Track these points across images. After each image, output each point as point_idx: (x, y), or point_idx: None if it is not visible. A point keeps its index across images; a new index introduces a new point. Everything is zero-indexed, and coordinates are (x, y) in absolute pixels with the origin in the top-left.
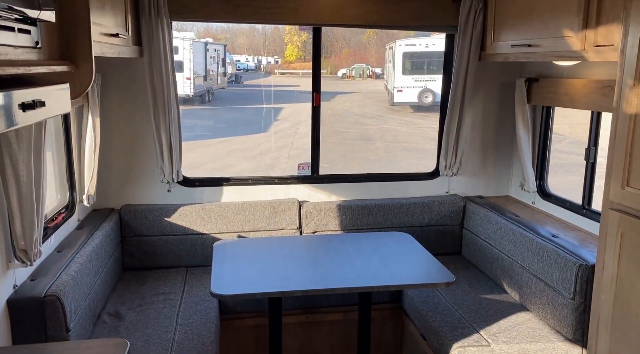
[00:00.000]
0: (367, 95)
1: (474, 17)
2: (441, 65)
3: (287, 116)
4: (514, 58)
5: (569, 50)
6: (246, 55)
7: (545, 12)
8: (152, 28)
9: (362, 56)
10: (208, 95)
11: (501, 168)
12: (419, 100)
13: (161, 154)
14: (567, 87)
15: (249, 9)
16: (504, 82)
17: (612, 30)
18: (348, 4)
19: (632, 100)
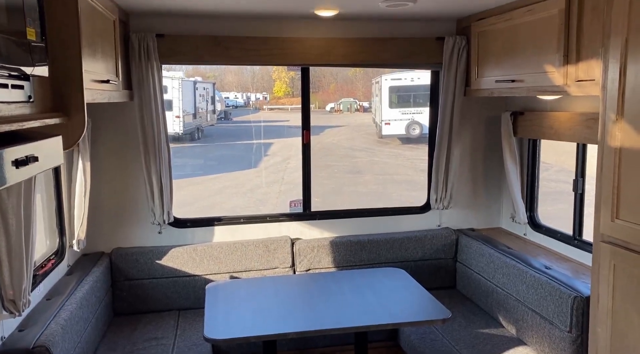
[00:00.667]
0: (355, 129)
1: (457, 55)
2: (427, 98)
3: (277, 151)
4: (499, 93)
5: (552, 85)
6: (235, 92)
7: (527, 49)
8: (142, 72)
9: (350, 90)
10: (197, 133)
11: (491, 200)
12: (407, 132)
13: (152, 196)
14: (551, 120)
15: (238, 52)
16: (489, 116)
17: (592, 66)
18: (336, 44)
19: (615, 134)
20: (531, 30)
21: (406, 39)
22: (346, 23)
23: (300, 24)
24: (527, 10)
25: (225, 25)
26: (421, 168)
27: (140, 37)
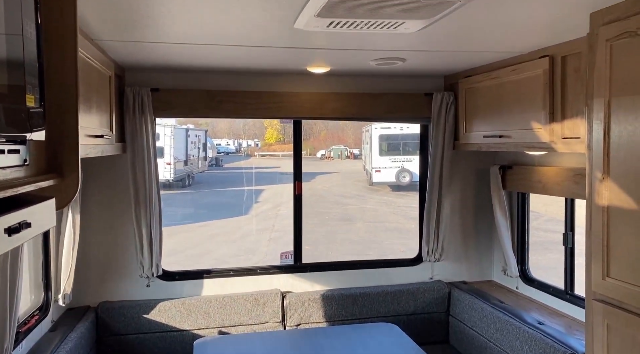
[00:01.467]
0: (346, 175)
1: (445, 110)
2: (416, 146)
3: (268, 198)
4: (487, 147)
5: (539, 142)
6: (227, 138)
7: (513, 106)
8: (136, 125)
9: (340, 137)
10: (188, 179)
11: (483, 252)
12: (397, 179)
13: (141, 248)
14: (539, 174)
15: (231, 105)
16: (479, 169)
17: (577, 124)
18: (328, 99)
19: (603, 192)
20: (517, 89)
21: (396, 94)
22: (338, 78)
23: (294, 79)
24: (512, 70)
25: (220, 79)
26: (411, 216)
27: (135, 91)
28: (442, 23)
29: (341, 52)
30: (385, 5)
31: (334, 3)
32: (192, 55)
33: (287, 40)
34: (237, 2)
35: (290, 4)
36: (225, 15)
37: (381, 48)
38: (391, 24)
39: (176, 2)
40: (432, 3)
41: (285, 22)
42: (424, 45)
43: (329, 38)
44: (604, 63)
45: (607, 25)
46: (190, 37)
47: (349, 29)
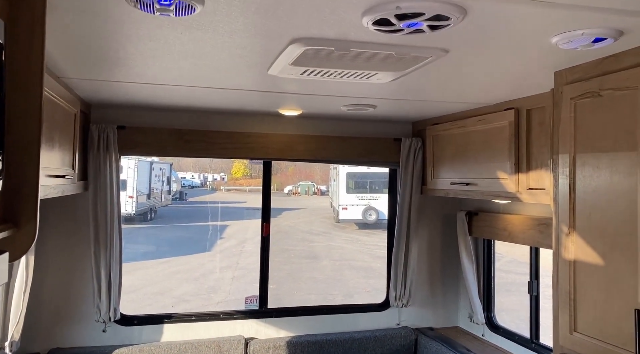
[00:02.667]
0: (313, 212)
1: (414, 155)
2: (383, 184)
3: (233, 233)
4: (454, 194)
5: (505, 191)
6: (192, 172)
7: (480, 155)
8: (100, 163)
9: (308, 174)
10: (151, 213)
11: (449, 298)
12: (363, 217)
13: (99, 291)
14: (505, 222)
15: (200, 145)
16: (445, 214)
17: (542, 176)
18: (298, 141)
19: (569, 246)
20: (484, 138)
21: (365, 138)
22: (309, 121)
23: (265, 120)
24: (479, 120)
25: (189, 118)
26: (377, 255)
27: (100, 128)
28: (413, 75)
29: (313, 97)
30: (359, 58)
31: (309, 53)
32: (163, 95)
33: (260, 85)
34: (212, 48)
35: (265, 51)
36: (199, 60)
37: (353, 95)
38: (364, 74)
39: (149, 45)
40: (404, 58)
41: (260, 68)
42: (394, 93)
43: (301, 84)
44: (569, 121)
45: (571, 85)
46: (162, 78)
47: (322, 78)
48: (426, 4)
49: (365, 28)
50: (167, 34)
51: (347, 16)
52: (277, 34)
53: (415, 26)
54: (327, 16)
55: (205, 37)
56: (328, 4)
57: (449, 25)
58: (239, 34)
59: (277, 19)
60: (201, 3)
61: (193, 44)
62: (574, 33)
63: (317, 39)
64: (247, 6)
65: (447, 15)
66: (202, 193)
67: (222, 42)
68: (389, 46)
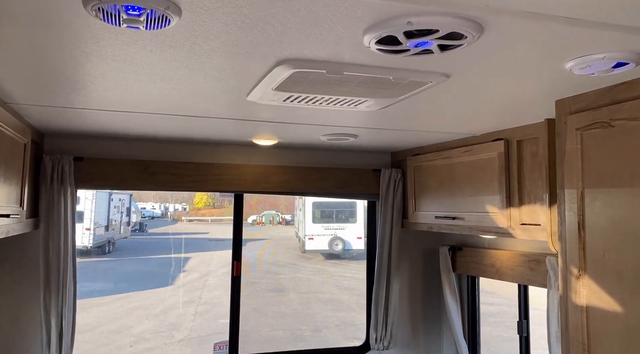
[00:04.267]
0: (278, 242)
1: (394, 187)
2: (349, 214)
3: (195, 266)
4: (438, 228)
5: (495, 227)
6: (153, 202)
7: (466, 187)
8: (53, 198)
9: (272, 203)
10: (108, 246)
11: (432, 338)
12: (330, 247)
13: (47, 342)
14: (492, 258)
15: (166, 177)
16: (427, 248)
17: (536, 211)
18: (273, 172)
19: (580, 290)
20: (470, 170)
21: (343, 169)
22: (284, 151)
23: (237, 150)
24: (464, 151)
25: (154, 148)
26: (345, 286)
27: (54, 160)
28: (403, 102)
29: (291, 126)
30: (350, 83)
31: (295, 77)
32: (126, 123)
33: (234, 112)
34: (186, 70)
35: (246, 75)
36: (170, 84)
37: (334, 123)
38: (353, 101)
39: (113, 66)
40: (401, 83)
41: (238, 94)
42: (377, 122)
43: (279, 111)
44: (575, 153)
45: (576, 114)
46: (126, 105)
47: (306, 104)
48: (442, 20)
49: (365, 48)
50: (134, 53)
51: (346, 33)
52: (262, 55)
53: (424, 46)
54: (324, 33)
55: (179, 57)
56: (327, 18)
57: (461, 46)
58: (218, 53)
59: (264, 36)
60: (177, 14)
61: (164, 65)
62: (594, 57)
63: (307, 60)
64: (232, 20)
65: (463, 34)
66: (163, 224)
67: (199, 63)
68: (387, 70)
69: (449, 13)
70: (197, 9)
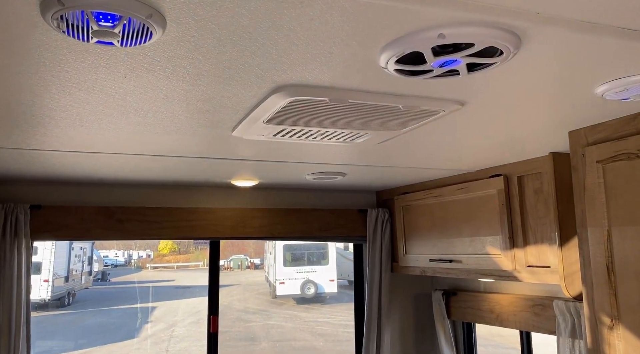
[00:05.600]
0: (247, 288)
1: (381, 228)
2: (321, 256)
3: (161, 316)
4: (432, 272)
5: (498, 270)
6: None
7: (462, 228)
8: (6, 252)
9: (240, 247)
10: (68, 298)
11: None
12: (302, 291)
13: None
14: (491, 303)
15: (134, 224)
16: (417, 294)
17: (544, 251)
18: (252, 215)
19: (614, 343)
20: (466, 209)
21: (327, 210)
22: (264, 192)
23: (213, 193)
24: (458, 188)
25: (121, 193)
26: (318, 332)
27: (7, 208)
28: (403, 135)
29: (276, 164)
30: (354, 113)
31: (293, 107)
32: (91, 166)
33: (215, 150)
34: (166, 100)
35: (236, 105)
36: (145, 118)
37: (322, 161)
38: (351, 135)
39: (78, 96)
40: (411, 112)
41: (222, 128)
42: (369, 159)
43: (264, 148)
44: (598, 188)
45: (595, 146)
46: (92, 144)
47: (298, 139)
48: (480, 32)
49: (380, 69)
50: (104, 80)
51: (361, 51)
52: (257, 79)
53: (450, 65)
54: (334, 51)
55: (158, 84)
56: (342, 31)
57: (493, 65)
58: (206, 79)
59: (263, 55)
60: (161, 26)
61: (140, 95)
62: (633, 78)
63: (309, 86)
64: (228, 34)
65: (500, 49)
66: (127, 272)
67: (182, 91)
68: (397, 97)
69: (490, 23)
70: (186, 19)
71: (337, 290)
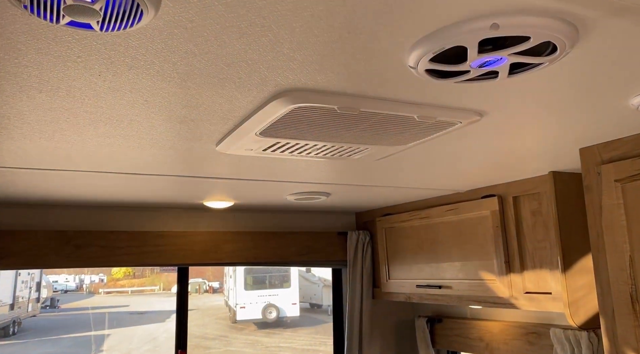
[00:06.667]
0: (206, 313)
1: (362, 252)
2: (283, 278)
3: (115, 344)
4: (419, 299)
5: (493, 296)
6: (66, 274)
7: (453, 252)
8: None
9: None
10: (13, 327)
11: None
12: (263, 316)
13: None
14: (479, 330)
15: (94, 250)
16: (399, 321)
17: (544, 277)
18: (225, 239)
19: None
20: (457, 231)
21: (305, 233)
22: (237, 214)
23: (183, 216)
24: (448, 209)
25: (80, 216)
26: None
27: None
28: (403, 152)
29: (257, 183)
30: (363, 124)
31: (294, 117)
32: (47, 185)
33: (191, 167)
34: (144, 107)
35: (226, 113)
36: (116, 128)
37: (307, 180)
38: (351, 150)
39: (38, 101)
40: (425, 123)
41: (207, 141)
42: (356, 177)
43: (247, 165)
44: (617, 210)
45: (613, 164)
46: (51, 160)
47: (290, 155)
48: (538, 22)
49: (405, 69)
50: (73, 78)
51: (390, 46)
52: (259, 81)
53: (492, 65)
54: (357, 47)
55: (139, 85)
56: (374, 22)
57: (540, 66)
58: (198, 79)
59: (273, 49)
60: (154, 5)
61: (116, 98)
62: None
63: (317, 91)
64: (235, 19)
65: (554, 46)
66: (78, 297)
67: (167, 94)
68: (414, 105)
69: (554, 11)
70: None
71: (299, 313)
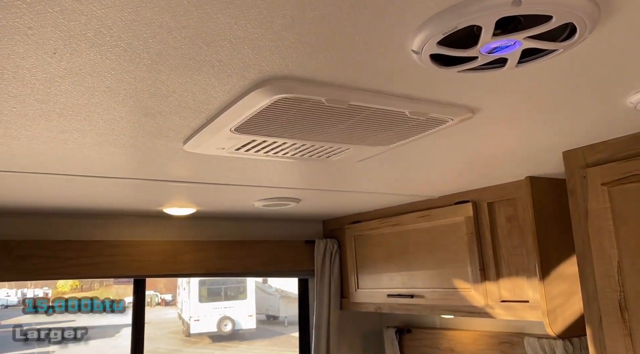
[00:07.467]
0: (157, 326)
1: (330, 261)
2: (239, 290)
3: None
4: (389, 309)
5: (468, 305)
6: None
7: (425, 260)
8: None
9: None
10: None
11: None
12: (218, 329)
13: None
14: (450, 340)
15: (40, 261)
16: (366, 332)
17: (521, 285)
18: (185, 249)
19: None
20: (429, 238)
21: (271, 242)
22: (200, 222)
23: (139, 223)
24: (420, 216)
25: (22, 223)
26: None
27: None
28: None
29: (223, 187)
30: (349, 120)
31: (275, 110)
32: None
33: (149, 170)
34: (106, 94)
35: (200, 105)
36: (70, 121)
37: (279, 184)
38: (332, 149)
39: None
40: (415, 120)
41: (173, 138)
42: (332, 182)
43: (213, 167)
44: (604, 214)
45: (599, 167)
46: None
47: (265, 155)
48: (564, 0)
49: (405, 55)
50: (22, 56)
51: (395, 27)
52: (241, 66)
53: (502, 51)
54: (359, 28)
55: (101, 67)
56: None
57: (554, 52)
58: (171, 62)
59: (262, 27)
60: None
61: (73, 84)
62: None
63: (304, 80)
64: None
65: (574, 28)
66: (20, 313)
67: (134, 79)
68: (407, 100)
69: None
70: None
71: (255, 325)
